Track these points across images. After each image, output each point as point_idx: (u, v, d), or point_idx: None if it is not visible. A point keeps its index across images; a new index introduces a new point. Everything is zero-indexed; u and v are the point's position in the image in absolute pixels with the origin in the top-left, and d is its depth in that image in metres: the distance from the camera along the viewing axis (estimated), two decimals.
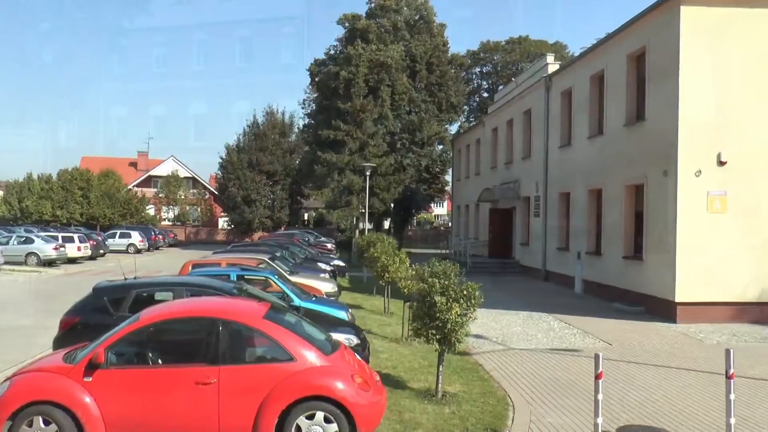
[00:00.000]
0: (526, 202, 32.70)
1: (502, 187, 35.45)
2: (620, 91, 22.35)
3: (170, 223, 72.79)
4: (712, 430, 9.20)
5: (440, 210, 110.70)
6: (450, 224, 56.21)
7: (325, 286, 18.35)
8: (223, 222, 72.97)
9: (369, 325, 16.66)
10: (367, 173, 36.57)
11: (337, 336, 10.19)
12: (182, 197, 72.22)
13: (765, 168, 18.65)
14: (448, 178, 56.33)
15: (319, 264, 25.15)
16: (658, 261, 19.41)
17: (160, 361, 7.80)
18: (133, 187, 72.04)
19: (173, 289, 10.95)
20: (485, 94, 71.60)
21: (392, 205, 52.72)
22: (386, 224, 61.55)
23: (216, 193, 67.43)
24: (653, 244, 19.80)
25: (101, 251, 43.49)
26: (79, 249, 39.00)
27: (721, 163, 18.46)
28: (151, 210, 69.59)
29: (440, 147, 56.23)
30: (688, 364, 13.27)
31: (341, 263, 30.27)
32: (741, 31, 18.63)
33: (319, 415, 7.45)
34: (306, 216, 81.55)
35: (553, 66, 29.86)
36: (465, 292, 9.71)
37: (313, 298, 14.06)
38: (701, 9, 18.50)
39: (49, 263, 36.04)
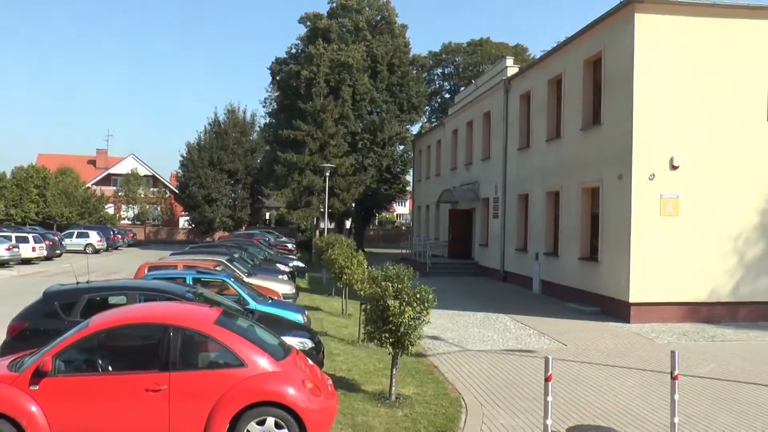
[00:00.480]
0: (485, 204, 32.99)
1: (462, 188, 35.72)
2: (577, 95, 22.69)
3: (130, 223, 72.00)
4: (659, 428, 9.39)
5: (403, 209, 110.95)
6: (411, 224, 56.40)
7: (283, 288, 18.31)
8: (183, 221, 72.38)
9: (326, 327, 16.70)
10: (327, 174, 36.49)
11: (291, 340, 10.20)
12: (142, 196, 71.40)
13: (715, 172, 19.13)
14: (410, 178, 56.54)
15: (278, 265, 25.11)
16: (613, 262, 19.75)
17: (109, 368, 7.71)
18: (92, 185, 71.08)
19: (126, 293, 10.78)
20: (447, 95, 72.10)
21: (353, 205, 52.74)
22: (348, 224, 61.54)
23: (177, 191, 66.84)
24: (608, 245, 20.14)
25: (57, 251, 42.68)
26: (33, 249, 38.19)
27: (673, 168, 18.87)
28: (110, 209, 68.68)
29: (401, 147, 56.45)
30: (639, 364, 13.53)
31: (300, 264, 30.22)
32: (693, 40, 19.10)
33: (270, 421, 7.45)
34: (267, 215, 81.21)
35: (512, 69, 30.19)
36: (418, 296, 9.76)
37: (270, 301, 14.01)
38: (655, 17, 18.91)
39: (2, 264, 35.16)
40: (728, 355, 14.59)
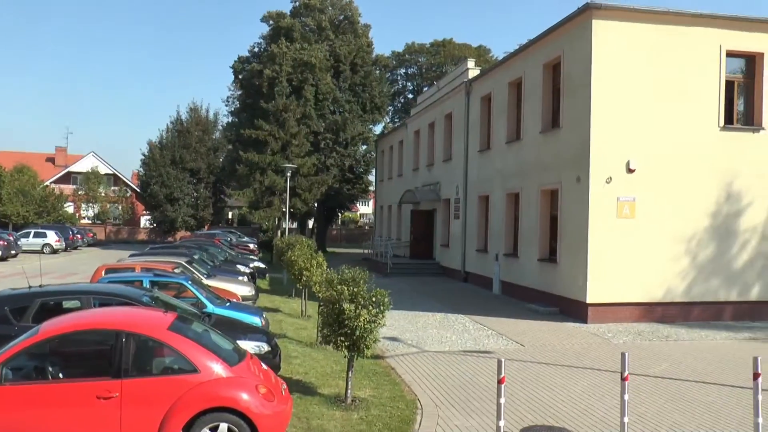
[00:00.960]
0: (446, 204, 33.20)
1: (424, 188, 35.89)
2: (537, 98, 22.95)
3: (90, 222, 70.87)
4: (611, 428, 9.57)
5: (366, 209, 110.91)
6: (374, 224, 56.50)
7: (243, 290, 18.28)
8: (145, 221, 71.57)
9: (285, 329, 16.69)
10: (288, 174, 36.34)
11: (247, 344, 10.19)
12: (103, 195, 70.30)
13: (670, 176, 19.55)
14: (372, 178, 56.61)
15: (238, 266, 25.02)
16: (571, 263, 20.03)
17: (60, 376, 7.59)
18: (51, 183, 69.77)
19: (81, 297, 10.62)
20: (410, 96, 72.31)
21: (316, 205, 52.66)
22: (310, 224, 61.41)
23: (138, 190, 65.97)
24: (566, 247, 20.42)
25: (13, 252, 41.58)
26: None
27: (630, 171, 19.20)
28: (69, 208, 67.48)
29: (364, 147, 56.44)
30: (594, 364, 13.76)
31: (261, 265, 30.09)
32: (649, 46, 19.47)
33: (223, 427, 7.43)
34: (230, 215, 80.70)
35: (473, 71, 30.40)
36: (374, 299, 9.82)
37: (228, 304, 13.96)
38: (612, 23, 19.24)
39: None
40: (680, 355, 14.93)
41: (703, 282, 19.84)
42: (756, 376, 8.52)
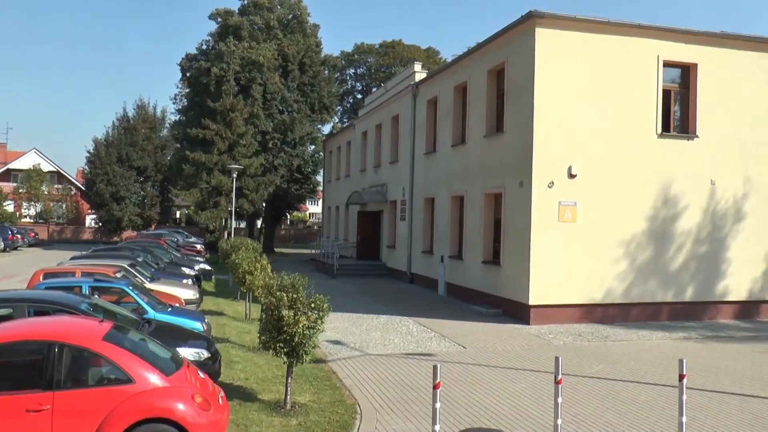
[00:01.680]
0: (393, 206, 33.37)
1: (371, 190, 36.01)
2: (481, 103, 23.24)
3: (32, 221, 69.10)
4: (545, 429, 9.82)
5: (315, 208, 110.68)
6: (322, 224, 56.45)
7: (186, 294, 18.11)
8: (90, 220, 70.15)
9: (228, 333, 16.61)
10: (234, 175, 36.03)
11: (186, 351, 10.15)
12: (45, 193, 68.55)
13: (610, 181, 20.07)
14: (320, 178, 56.52)
15: (183, 269, 24.74)
16: (514, 266, 20.36)
17: None
18: None
19: (14, 305, 10.31)
20: (359, 96, 72.36)
21: (263, 205, 52.38)
22: (259, 224, 61.05)
23: (83, 189, 64.61)
24: (509, 250, 20.74)
25: None
26: None
27: (571, 176, 19.62)
28: (9, 206, 65.73)
29: (312, 147, 56.35)
30: (534, 366, 14.04)
31: (207, 267, 29.74)
32: (590, 54, 19.94)
33: None
34: (178, 214, 79.63)
35: (420, 74, 30.62)
36: (313, 305, 9.87)
37: (170, 309, 13.82)
38: (555, 32, 19.61)
39: None
40: (618, 355, 15.35)
41: (642, 284, 20.40)
42: (681, 377, 8.94)
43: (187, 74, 54.02)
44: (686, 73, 21.38)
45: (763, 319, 21.45)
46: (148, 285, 17.46)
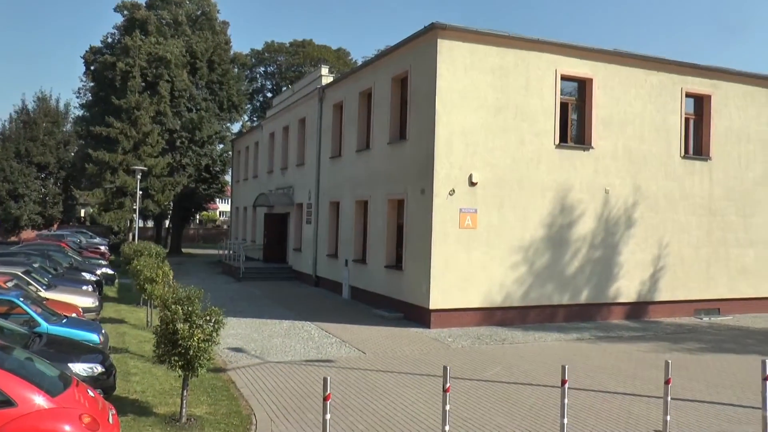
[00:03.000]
0: (299, 209, 33.40)
1: (278, 192, 35.94)
2: (385, 110, 23.60)
3: None
4: None
5: (226, 207, 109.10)
6: (230, 225, 55.81)
7: (85, 301, 17.60)
8: None
9: (128, 342, 16.31)
10: (138, 176, 35.18)
11: (79, 366, 9.95)
12: None
13: (510, 189, 20.81)
14: (229, 178, 55.90)
15: (84, 274, 23.79)
16: (415, 271, 20.79)
17: None
18: None
19: None
20: (269, 94, 71.92)
21: (171, 204, 51.41)
22: (167, 223, 59.83)
23: None
24: (411, 255, 21.15)
25: None
26: None
27: (472, 184, 20.19)
28: None
29: (221, 147, 55.67)
30: (431, 370, 14.37)
31: (110, 271, 28.85)
32: (492, 66, 20.61)
33: None
34: (82, 212, 77.02)
35: (327, 78, 30.75)
36: (209, 317, 9.90)
37: (65, 320, 13.36)
38: (457, 43, 20.14)
39: None
40: (514, 357, 15.95)
41: (539, 287, 21.21)
42: (563, 382, 9.50)
43: (92, 68, 52.39)
44: (582, 86, 22.36)
45: (649, 319, 22.78)
46: (44, 293, 16.94)
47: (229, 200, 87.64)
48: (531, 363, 15.36)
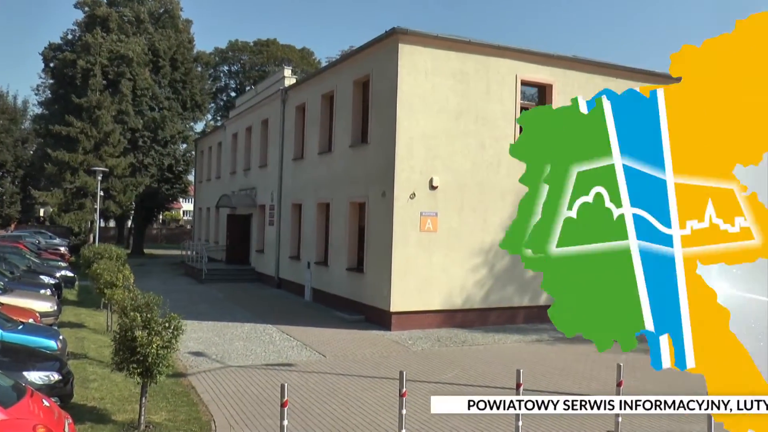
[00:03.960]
0: (262, 210, 33.35)
1: (240, 193, 35.84)
2: (347, 113, 23.69)
3: None
4: None
5: (189, 206, 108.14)
6: (193, 226, 55.42)
7: (43, 306, 17.28)
8: None
9: (87, 347, 16.15)
10: (99, 177, 34.69)
11: (34, 374, 9.87)
12: None
13: (470, 193, 21.09)
14: (192, 178, 55.53)
15: (42, 277, 23.39)
16: (376, 273, 20.96)
17: None
18: None
19: None
20: (233, 94, 71.55)
21: (133, 204, 50.92)
22: (129, 223, 59.23)
23: None
24: (372, 258, 21.32)
25: None
26: None
27: (433, 188, 20.40)
28: None
29: (184, 146, 55.27)
30: (390, 373, 14.44)
31: (70, 273, 28.25)
32: (453, 71, 20.83)
33: None
34: (42, 212, 75.84)
35: (289, 80, 30.75)
36: (168, 324, 9.94)
37: (21, 327, 13.09)
38: (418, 48, 20.34)
39: None
40: (473, 360, 16.20)
41: (500, 289, 21.49)
42: (518, 386, 9.69)
43: (51, 65, 51.69)
44: (543, 92, 22.69)
45: None
46: None
47: (193, 200, 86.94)
48: (490, 365, 15.62)
